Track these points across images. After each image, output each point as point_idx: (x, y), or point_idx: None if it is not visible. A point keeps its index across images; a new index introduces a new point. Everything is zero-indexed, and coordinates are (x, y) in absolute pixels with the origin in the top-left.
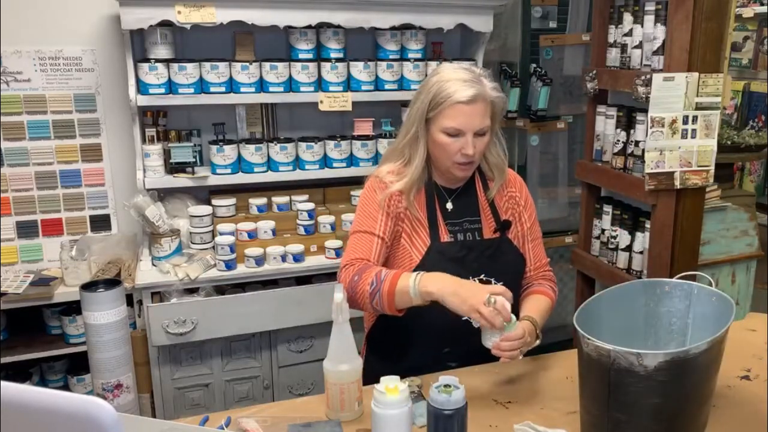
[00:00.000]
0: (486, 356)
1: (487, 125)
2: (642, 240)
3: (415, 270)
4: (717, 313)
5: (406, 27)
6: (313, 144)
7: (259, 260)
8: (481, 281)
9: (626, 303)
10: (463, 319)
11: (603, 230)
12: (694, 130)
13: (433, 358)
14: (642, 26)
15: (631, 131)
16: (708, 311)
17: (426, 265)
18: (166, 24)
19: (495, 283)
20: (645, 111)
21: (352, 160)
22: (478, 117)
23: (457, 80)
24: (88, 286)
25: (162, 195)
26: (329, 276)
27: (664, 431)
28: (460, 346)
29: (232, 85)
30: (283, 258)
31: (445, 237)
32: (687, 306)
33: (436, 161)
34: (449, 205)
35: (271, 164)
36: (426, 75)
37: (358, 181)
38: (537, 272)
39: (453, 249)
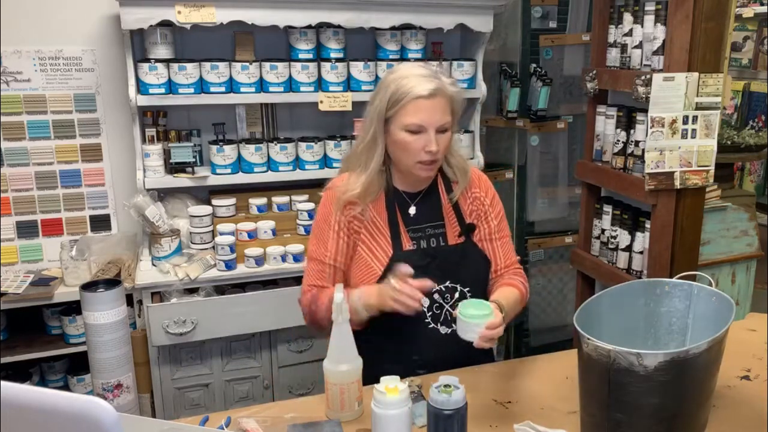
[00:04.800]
0: (454, 363)
1: (448, 121)
2: (642, 240)
3: (377, 282)
4: (717, 313)
5: (406, 27)
6: (313, 144)
7: (259, 260)
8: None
9: (626, 303)
10: (430, 326)
11: (603, 230)
12: (694, 130)
13: (402, 366)
14: (642, 26)
15: (631, 131)
16: (708, 311)
17: (387, 276)
18: (166, 24)
19: (461, 290)
20: (645, 111)
21: None
22: (438, 112)
23: (415, 76)
24: (88, 286)
25: (162, 195)
26: None
27: (665, 431)
28: (428, 353)
29: (232, 85)
30: (283, 258)
31: (407, 245)
32: (687, 306)
33: (398, 163)
34: (412, 210)
35: (271, 164)
36: None
37: None
38: (507, 270)
39: (415, 257)
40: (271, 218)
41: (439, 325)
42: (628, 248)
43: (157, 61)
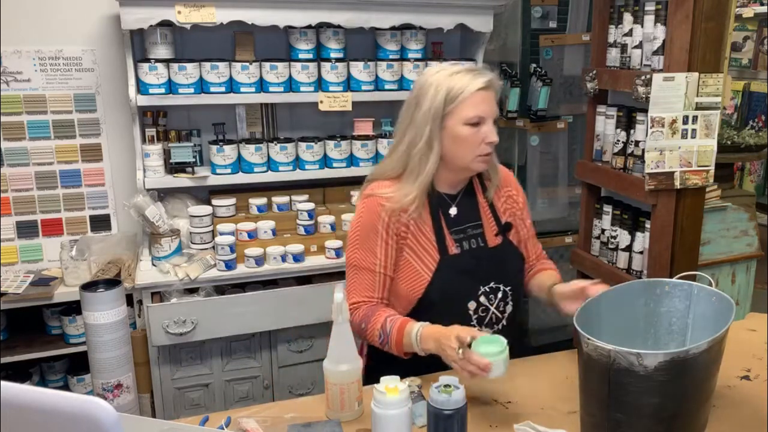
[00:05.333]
0: None
1: (498, 113)
2: (642, 240)
3: (427, 288)
4: (717, 313)
5: (406, 27)
6: (313, 144)
7: (259, 260)
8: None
9: (626, 303)
10: (474, 329)
11: (603, 230)
12: (694, 130)
13: (444, 366)
14: (642, 26)
15: (631, 131)
16: (708, 311)
17: (436, 282)
18: (166, 24)
19: (503, 289)
20: (645, 111)
21: (352, 160)
22: (493, 103)
23: (465, 71)
24: (88, 286)
25: (162, 195)
26: (329, 276)
27: (664, 431)
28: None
29: (232, 85)
30: (283, 258)
31: (452, 249)
32: (687, 306)
33: (453, 160)
34: (453, 211)
35: (271, 164)
36: None
37: (358, 181)
38: (537, 260)
39: (462, 261)
40: (271, 218)
41: (483, 327)
42: (628, 248)
43: (157, 61)
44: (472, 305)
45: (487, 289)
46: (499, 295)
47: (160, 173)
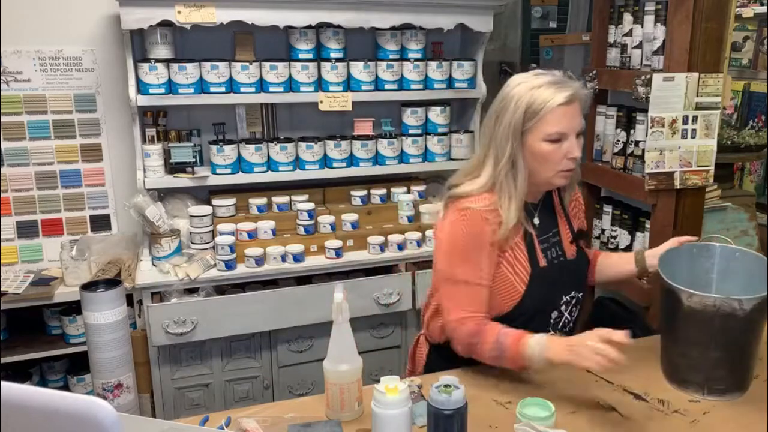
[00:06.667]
0: None
1: (583, 125)
2: (642, 240)
3: (520, 300)
4: (741, 267)
5: (406, 27)
6: (313, 144)
7: (259, 260)
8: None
9: (676, 265)
10: (549, 333)
11: (603, 230)
12: (694, 130)
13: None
14: (642, 26)
15: (631, 131)
16: (735, 267)
17: (528, 295)
18: (166, 24)
19: (575, 295)
20: (645, 111)
21: (352, 160)
22: (577, 117)
23: (547, 84)
24: (88, 286)
25: (162, 195)
26: (329, 276)
27: (745, 363)
28: None
29: (232, 85)
30: (283, 258)
31: (541, 261)
32: (712, 264)
33: (534, 175)
34: (536, 220)
35: (271, 164)
36: (426, 75)
37: (358, 181)
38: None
39: (551, 273)
40: (271, 218)
41: (556, 331)
42: (629, 248)
43: (157, 61)
44: (554, 314)
45: (568, 299)
46: (574, 301)
47: (160, 173)
